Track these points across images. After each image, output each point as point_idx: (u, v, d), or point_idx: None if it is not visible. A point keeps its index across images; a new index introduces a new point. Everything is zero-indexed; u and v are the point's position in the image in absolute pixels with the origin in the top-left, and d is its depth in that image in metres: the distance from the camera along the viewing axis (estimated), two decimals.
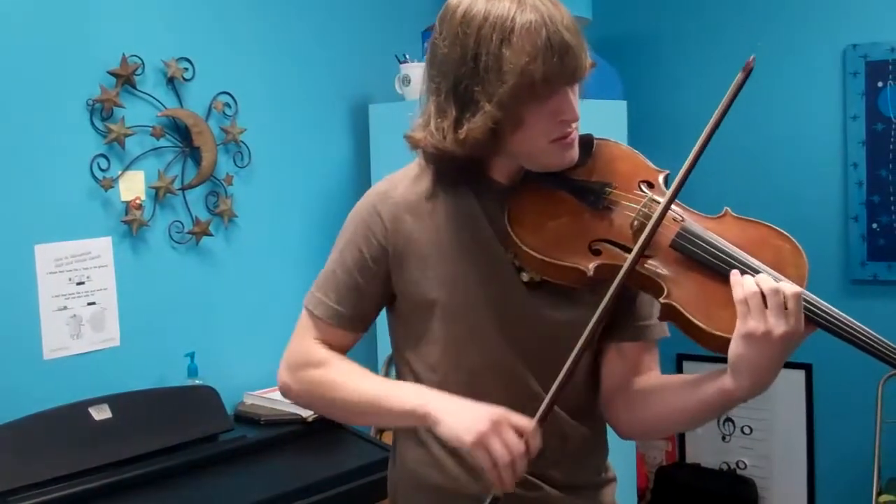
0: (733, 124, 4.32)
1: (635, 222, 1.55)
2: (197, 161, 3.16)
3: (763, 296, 1.37)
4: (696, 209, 1.62)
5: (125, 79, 2.94)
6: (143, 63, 3.00)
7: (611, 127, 3.80)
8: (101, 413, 2.69)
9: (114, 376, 2.90)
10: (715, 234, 1.54)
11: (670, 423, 1.73)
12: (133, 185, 3.00)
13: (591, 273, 1.51)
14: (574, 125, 1.56)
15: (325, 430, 3.03)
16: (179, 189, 3.13)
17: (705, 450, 4.44)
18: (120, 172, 2.96)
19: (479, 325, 1.62)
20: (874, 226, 3.95)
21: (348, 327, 1.72)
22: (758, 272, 1.45)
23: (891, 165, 3.89)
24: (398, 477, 1.79)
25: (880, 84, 3.88)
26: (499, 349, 1.62)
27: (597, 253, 1.54)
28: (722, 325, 1.44)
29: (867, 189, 3.94)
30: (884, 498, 3.63)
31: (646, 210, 1.56)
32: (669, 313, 1.48)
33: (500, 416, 1.47)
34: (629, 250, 1.51)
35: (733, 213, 1.61)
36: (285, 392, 1.79)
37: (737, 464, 4.34)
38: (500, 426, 1.46)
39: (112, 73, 2.92)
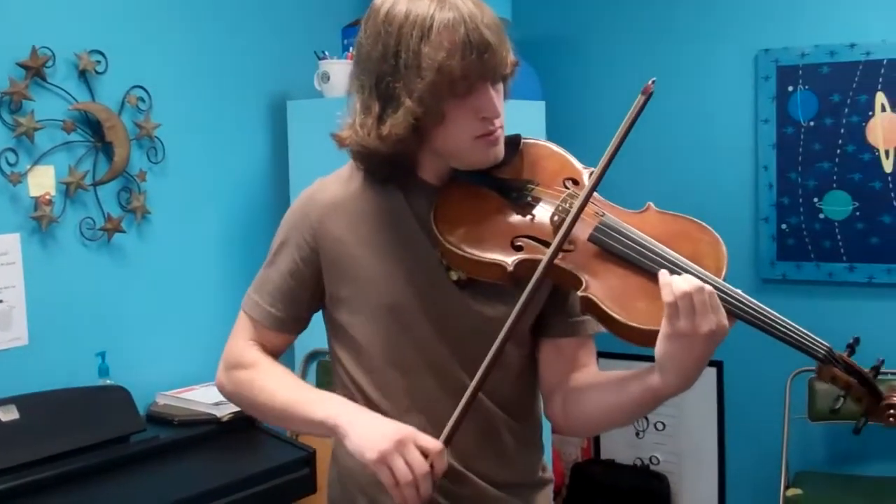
0: (647, 126, 4.39)
1: (556, 217, 1.58)
2: (109, 156, 3.10)
3: (691, 296, 1.39)
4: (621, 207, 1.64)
5: (35, 71, 2.87)
6: (53, 55, 2.93)
7: (529, 127, 3.80)
8: (8, 414, 2.63)
9: (21, 376, 2.83)
10: (633, 227, 1.56)
11: (605, 420, 1.74)
12: (42, 181, 2.93)
13: (511, 268, 1.53)
14: (497, 122, 1.58)
15: (239, 430, 3.01)
16: (91, 185, 3.06)
17: (619, 446, 4.50)
18: (29, 167, 2.89)
19: (409, 322, 1.63)
20: (784, 227, 4.04)
21: (282, 329, 1.75)
22: (675, 265, 1.48)
23: (800, 168, 3.98)
24: (336, 474, 1.79)
25: (791, 88, 3.97)
26: (430, 346, 1.64)
27: (518, 249, 1.56)
28: (639, 318, 1.46)
29: (777, 191, 4.03)
30: (791, 492, 3.72)
31: (565, 205, 1.58)
32: (588, 306, 1.50)
33: (406, 434, 1.50)
34: (550, 245, 1.53)
35: (656, 208, 1.64)
36: (220, 389, 1.81)
37: (650, 459, 4.41)
38: (404, 445, 1.48)
39: (21, 65, 2.85)
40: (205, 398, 3.04)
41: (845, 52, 3.85)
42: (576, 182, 1.66)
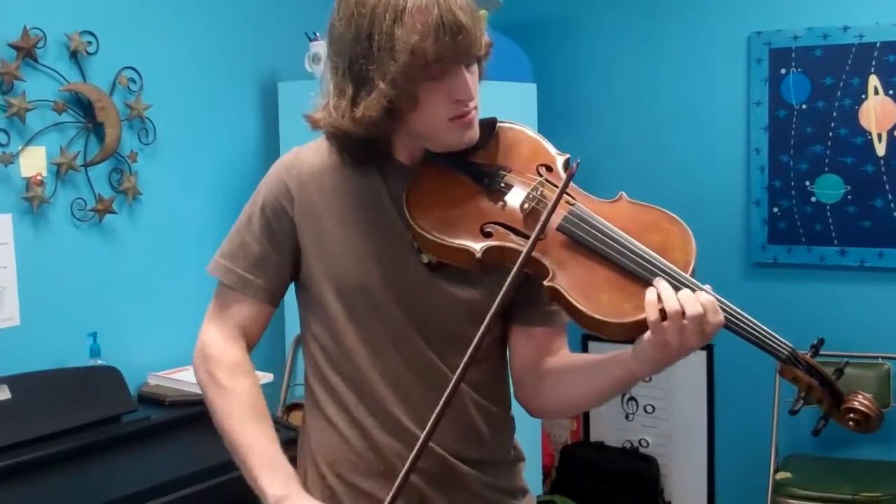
0: (639, 109, 4.41)
1: (526, 205, 1.57)
2: (100, 137, 3.09)
3: (683, 314, 1.39)
4: (600, 193, 1.64)
5: (26, 51, 2.86)
6: (44, 36, 2.92)
7: (520, 109, 3.84)
8: (0, 394, 2.63)
9: (13, 356, 2.83)
10: (603, 218, 1.55)
11: (578, 403, 1.76)
12: (34, 161, 2.93)
13: (479, 255, 1.53)
14: (471, 105, 1.57)
15: None
16: (82, 165, 3.06)
17: (609, 428, 4.51)
18: (20, 148, 2.89)
19: (378, 301, 1.63)
20: (775, 210, 4.04)
21: (259, 297, 1.72)
22: (643, 258, 1.48)
23: (792, 151, 3.98)
24: (305, 458, 1.79)
25: (783, 71, 3.97)
26: (398, 326, 1.64)
27: (488, 235, 1.56)
28: (603, 310, 1.46)
29: (769, 174, 4.03)
30: (780, 475, 3.74)
31: (536, 193, 1.58)
32: (553, 296, 1.50)
33: None
34: (519, 233, 1.54)
35: (628, 198, 1.63)
36: (194, 372, 1.78)
37: (639, 442, 4.43)
38: None
39: (12, 46, 2.84)
40: (196, 379, 3.03)
41: (838, 34, 3.85)
42: (549, 168, 1.65)
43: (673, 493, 4.35)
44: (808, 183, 3.97)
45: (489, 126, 1.68)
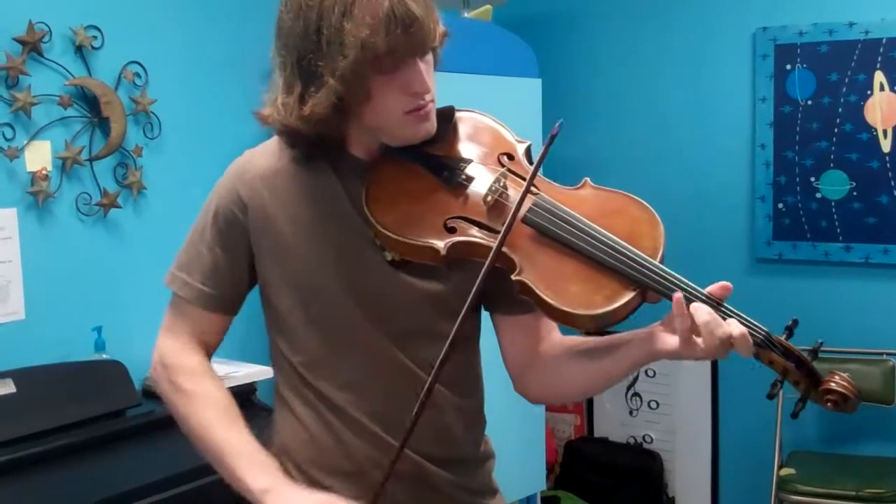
0: (644, 104, 4.40)
1: (489, 198, 1.53)
2: (105, 132, 3.10)
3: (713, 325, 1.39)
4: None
5: (32, 46, 2.87)
6: (50, 30, 2.92)
7: (525, 105, 3.84)
8: (4, 388, 2.64)
9: (18, 350, 2.84)
10: (568, 207, 1.52)
11: (591, 386, 1.69)
12: (39, 156, 2.93)
13: (443, 252, 1.50)
14: (427, 97, 1.52)
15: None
16: (87, 160, 3.06)
17: (613, 424, 4.51)
18: (26, 142, 2.89)
19: (340, 303, 1.59)
20: (780, 206, 4.04)
21: (217, 309, 1.68)
22: (612, 248, 1.45)
23: (797, 147, 3.98)
24: (274, 451, 1.72)
25: (788, 67, 3.96)
26: (362, 326, 1.59)
27: (451, 230, 1.52)
28: (572, 302, 1.44)
29: (774, 170, 4.03)
30: (784, 471, 3.74)
31: (498, 185, 1.54)
32: (522, 289, 1.47)
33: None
34: (484, 226, 1.51)
35: (592, 184, 1.59)
36: (155, 384, 1.75)
37: (643, 437, 4.43)
38: None
39: (18, 40, 2.85)
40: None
41: (844, 30, 3.84)
42: (511, 157, 1.61)
43: (677, 489, 4.35)
44: (813, 179, 3.97)
45: (447, 116, 1.62)
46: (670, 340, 1.44)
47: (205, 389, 1.65)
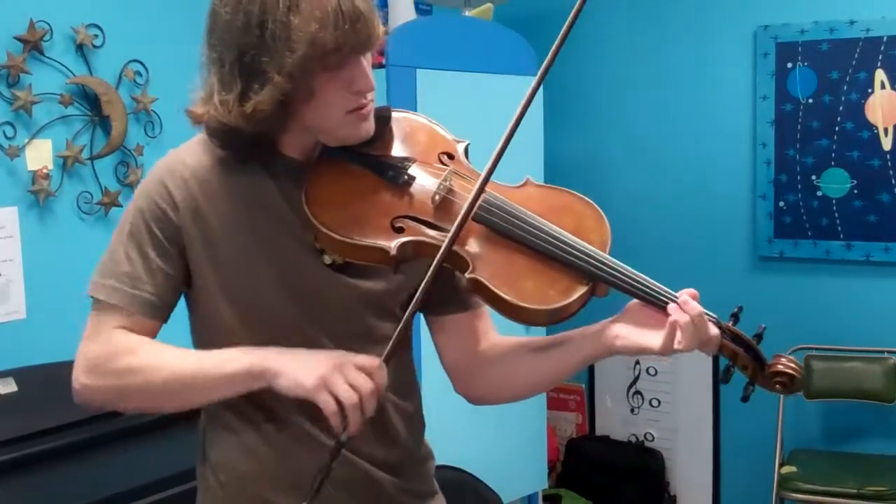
0: (644, 101, 4.40)
1: (437, 196, 1.52)
2: (106, 130, 3.10)
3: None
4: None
5: (33, 45, 2.87)
6: (51, 29, 2.92)
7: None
8: (6, 387, 2.64)
9: (19, 350, 2.84)
10: (517, 204, 1.52)
11: (538, 384, 1.70)
12: (40, 154, 2.93)
13: (394, 252, 1.47)
14: (370, 96, 1.49)
15: None
16: (88, 159, 3.06)
17: (614, 422, 4.51)
18: (26, 141, 2.89)
19: (277, 307, 1.54)
20: (781, 204, 4.04)
21: (148, 314, 1.54)
22: (564, 243, 1.48)
23: (798, 145, 3.98)
24: (208, 472, 1.69)
25: (789, 65, 3.97)
26: (301, 330, 1.54)
27: (399, 230, 1.50)
28: (528, 297, 1.45)
29: (775, 168, 4.03)
30: (786, 469, 3.74)
31: (446, 184, 1.53)
32: (475, 287, 1.46)
33: (341, 357, 1.43)
34: (432, 225, 1.50)
35: (534, 182, 1.60)
36: (83, 395, 1.60)
37: (645, 436, 4.43)
38: (343, 367, 1.40)
39: (19, 39, 2.85)
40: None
41: (845, 28, 3.84)
42: (451, 156, 1.60)
43: (678, 487, 4.35)
44: (814, 177, 3.97)
45: (383, 116, 1.59)
46: (645, 336, 1.47)
47: (149, 346, 1.53)
